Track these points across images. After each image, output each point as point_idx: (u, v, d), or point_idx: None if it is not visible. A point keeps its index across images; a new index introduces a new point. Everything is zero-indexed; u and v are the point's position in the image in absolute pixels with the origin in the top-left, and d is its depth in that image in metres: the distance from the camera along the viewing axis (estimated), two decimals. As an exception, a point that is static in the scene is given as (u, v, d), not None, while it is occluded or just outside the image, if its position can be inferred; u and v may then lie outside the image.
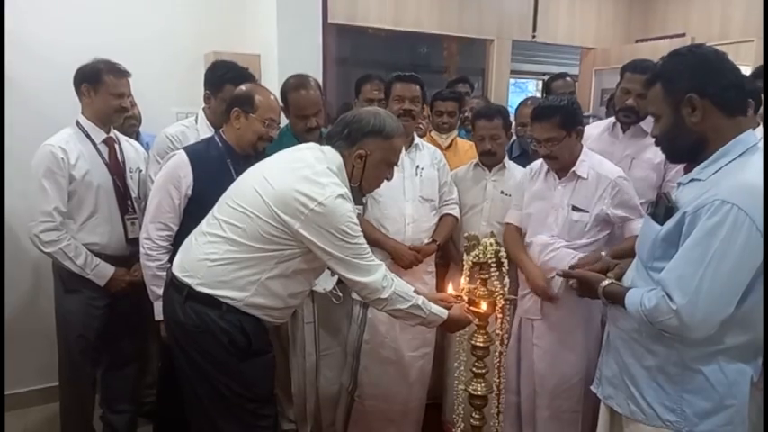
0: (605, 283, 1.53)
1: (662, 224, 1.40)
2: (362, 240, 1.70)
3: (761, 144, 1.38)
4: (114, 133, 2.47)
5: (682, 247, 1.33)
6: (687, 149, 1.42)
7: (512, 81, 7.01)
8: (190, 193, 2.10)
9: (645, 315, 1.37)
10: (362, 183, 1.80)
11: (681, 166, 1.56)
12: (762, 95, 1.86)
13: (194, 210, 2.07)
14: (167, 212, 2.10)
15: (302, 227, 1.62)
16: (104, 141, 2.40)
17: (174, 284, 1.76)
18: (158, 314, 2.09)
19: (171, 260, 2.07)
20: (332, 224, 1.63)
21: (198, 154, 2.14)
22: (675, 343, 1.38)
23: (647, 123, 1.60)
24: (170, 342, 1.82)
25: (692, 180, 1.40)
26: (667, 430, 1.41)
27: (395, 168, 2.40)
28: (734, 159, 1.34)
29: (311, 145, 1.86)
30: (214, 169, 2.12)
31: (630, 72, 2.49)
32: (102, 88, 2.32)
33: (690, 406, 1.38)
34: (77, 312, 2.36)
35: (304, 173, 1.67)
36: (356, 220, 1.69)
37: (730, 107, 1.36)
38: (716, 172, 1.35)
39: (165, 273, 2.06)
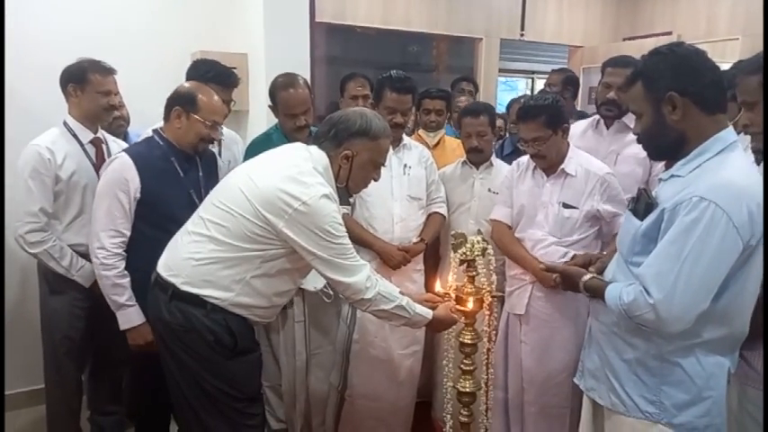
0: (586, 277, 1.55)
1: (642, 220, 1.42)
2: (347, 241, 1.70)
3: (740, 142, 1.40)
4: (102, 133, 2.45)
5: (660, 243, 1.35)
6: (668, 147, 1.44)
7: (503, 80, 7.04)
8: (138, 195, 2.05)
9: (623, 309, 1.39)
10: (349, 183, 1.81)
11: None
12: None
13: (145, 212, 2.06)
14: (119, 219, 2.04)
15: (286, 226, 1.63)
16: (91, 142, 2.38)
17: (158, 283, 1.75)
18: (123, 323, 2.07)
19: (127, 267, 2.07)
20: (316, 224, 1.63)
21: (141, 155, 2.08)
22: (654, 336, 1.40)
23: (630, 118, 1.63)
24: (156, 341, 1.82)
25: (671, 176, 1.42)
26: (647, 421, 1.43)
27: (382, 167, 2.44)
28: (713, 156, 1.37)
29: (298, 145, 1.86)
30: (159, 169, 2.09)
31: (612, 67, 2.54)
32: (89, 87, 2.29)
33: (669, 398, 1.40)
34: (63, 313, 2.35)
35: (289, 172, 1.67)
36: (341, 221, 1.69)
37: (710, 105, 1.38)
38: (695, 169, 1.37)
39: (125, 280, 2.05)
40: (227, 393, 1.73)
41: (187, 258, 1.70)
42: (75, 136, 2.33)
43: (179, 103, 2.11)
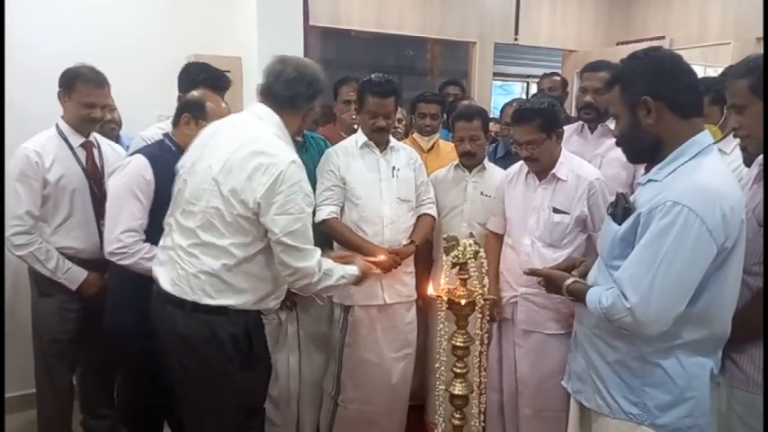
0: (569, 281, 1.56)
1: (620, 224, 1.43)
2: (309, 221, 1.73)
3: (716, 146, 1.42)
4: (94, 137, 2.45)
5: (636, 247, 1.37)
6: (644, 150, 1.46)
7: (498, 84, 7.07)
8: (152, 195, 2.08)
9: (603, 313, 1.40)
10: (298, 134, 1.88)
11: None
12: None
13: (155, 213, 2.05)
14: (139, 219, 2.06)
15: (261, 197, 1.63)
16: (82, 145, 2.39)
17: (171, 301, 1.71)
18: None
19: None
20: (287, 193, 1.64)
21: (155, 157, 2.11)
22: (635, 338, 1.41)
23: (614, 123, 1.67)
24: (169, 357, 1.77)
25: (649, 181, 1.44)
26: (631, 423, 1.43)
27: (371, 171, 2.44)
28: (688, 160, 1.38)
29: (244, 116, 1.84)
30: (171, 172, 2.08)
31: (587, 72, 2.62)
32: (75, 95, 2.31)
33: (651, 399, 1.41)
34: (51, 316, 2.36)
35: (252, 147, 1.67)
36: (310, 191, 1.73)
37: (684, 109, 1.40)
38: (671, 173, 1.39)
39: (155, 249, 1.99)
40: (235, 406, 1.73)
41: (196, 274, 1.68)
42: (66, 140, 2.35)
43: (188, 110, 2.15)
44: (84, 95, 2.30)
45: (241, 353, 1.71)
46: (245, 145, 1.68)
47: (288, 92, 1.78)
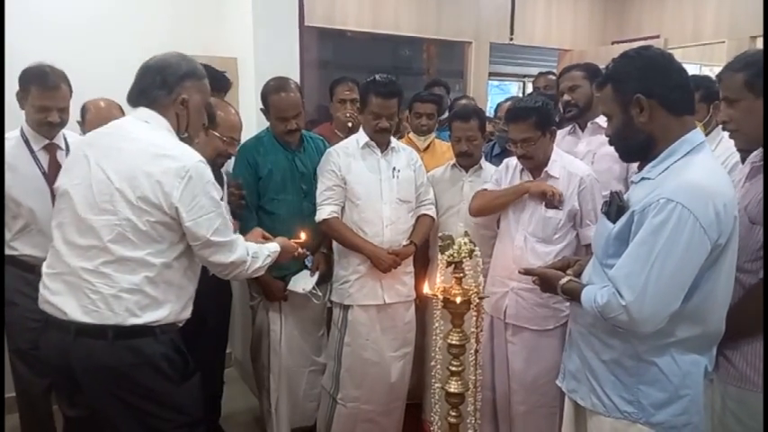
0: (564, 280, 1.56)
1: (614, 223, 1.44)
2: (224, 213, 1.69)
3: (707, 144, 1.44)
4: (63, 136, 2.34)
5: (630, 245, 1.37)
6: (637, 148, 1.47)
7: (495, 83, 7.09)
8: None
9: (598, 311, 1.40)
10: (189, 130, 1.75)
11: None
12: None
13: None
14: None
15: (178, 202, 1.57)
16: (45, 148, 2.29)
17: (86, 332, 1.55)
18: None
19: None
20: (203, 191, 1.60)
21: None
22: (630, 337, 1.42)
23: (604, 120, 1.71)
24: (94, 393, 1.62)
25: (642, 179, 1.45)
26: (626, 421, 1.44)
27: (372, 171, 2.45)
28: (680, 158, 1.39)
29: (129, 120, 1.71)
30: None
31: (563, 74, 2.72)
32: (29, 97, 2.21)
33: (646, 397, 1.42)
34: (15, 325, 2.26)
35: (152, 152, 1.59)
36: (218, 187, 1.69)
37: (676, 107, 1.41)
38: (664, 171, 1.40)
39: None
40: (176, 422, 1.65)
41: (116, 294, 1.55)
42: (27, 142, 2.26)
43: None
44: (36, 99, 2.18)
45: (176, 369, 1.63)
46: (145, 149, 1.59)
47: (137, 87, 1.70)
